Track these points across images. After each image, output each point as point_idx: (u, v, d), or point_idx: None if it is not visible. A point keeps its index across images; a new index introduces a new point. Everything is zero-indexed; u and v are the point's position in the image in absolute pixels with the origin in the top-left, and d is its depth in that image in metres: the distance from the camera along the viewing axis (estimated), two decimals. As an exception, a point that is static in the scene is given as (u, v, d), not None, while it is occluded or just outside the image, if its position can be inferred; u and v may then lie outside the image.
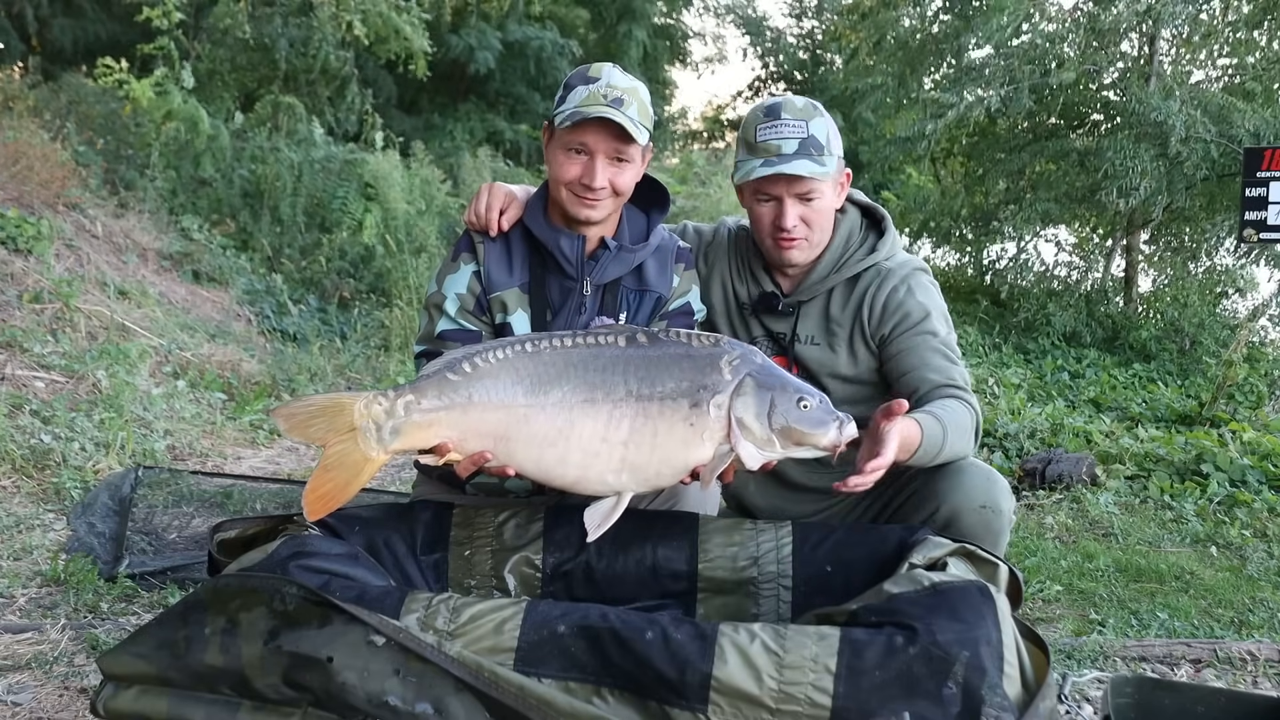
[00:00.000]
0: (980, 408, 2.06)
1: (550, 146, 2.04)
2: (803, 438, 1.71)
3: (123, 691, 1.48)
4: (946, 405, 1.98)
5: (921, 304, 2.14)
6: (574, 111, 1.94)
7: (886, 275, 2.18)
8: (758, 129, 2.09)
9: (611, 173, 1.98)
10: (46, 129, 6.74)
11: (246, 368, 5.37)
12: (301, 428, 1.71)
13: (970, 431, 2.00)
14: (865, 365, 2.21)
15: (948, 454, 1.95)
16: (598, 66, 2.01)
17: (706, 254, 2.36)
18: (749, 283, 2.30)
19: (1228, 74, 8.70)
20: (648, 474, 1.73)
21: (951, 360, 2.11)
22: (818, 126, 2.08)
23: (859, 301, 2.19)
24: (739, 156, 2.15)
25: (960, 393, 2.04)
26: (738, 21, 19.91)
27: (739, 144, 2.18)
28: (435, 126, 11.87)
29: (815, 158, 2.05)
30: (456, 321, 2.03)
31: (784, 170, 2.03)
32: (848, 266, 2.20)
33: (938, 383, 2.06)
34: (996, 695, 1.33)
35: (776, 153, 2.05)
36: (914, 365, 2.10)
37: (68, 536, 3.05)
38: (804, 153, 2.05)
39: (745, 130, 2.15)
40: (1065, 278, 9.42)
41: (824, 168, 2.06)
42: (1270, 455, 4.43)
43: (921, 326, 2.12)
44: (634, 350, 1.74)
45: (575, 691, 1.38)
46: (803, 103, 2.12)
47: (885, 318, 2.15)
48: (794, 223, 2.09)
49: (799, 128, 2.06)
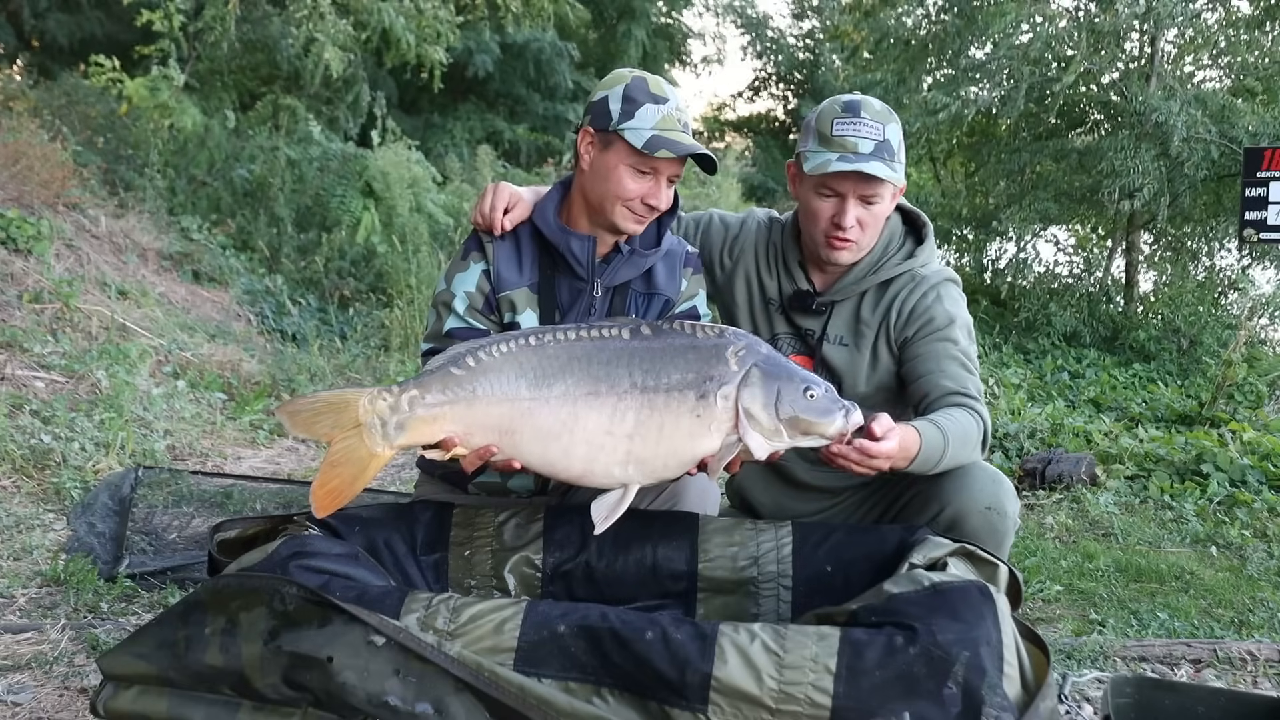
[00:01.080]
0: (990, 419, 2.04)
1: (608, 157, 1.96)
2: (810, 427, 1.71)
3: (123, 691, 1.48)
4: (952, 414, 1.97)
5: (947, 311, 2.13)
6: (656, 136, 1.91)
7: (919, 282, 2.16)
8: (835, 123, 2.05)
9: (667, 192, 2.00)
10: (46, 129, 6.74)
11: (246, 368, 5.37)
12: (306, 425, 1.71)
13: (975, 443, 1.98)
14: (885, 370, 2.20)
15: (949, 463, 1.93)
16: (658, 83, 1.98)
17: (732, 246, 2.33)
18: (781, 278, 2.28)
19: (1228, 74, 8.70)
20: (654, 466, 1.73)
21: (968, 369, 2.08)
22: (893, 131, 2.06)
23: (889, 305, 2.17)
24: (808, 146, 2.10)
25: (971, 402, 2.02)
26: (738, 21, 19.90)
27: (809, 133, 2.12)
28: (435, 126, 11.88)
29: (889, 162, 2.03)
30: (465, 320, 2.03)
31: (861, 169, 2.00)
32: (884, 270, 2.18)
33: (950, 389, 2.04)
34: (996, 695, 1.33)
35: (853, 150, 2.02)
36: (929, 370, 2.08)
37: (68, 536, 3.05)
38: (878, 155, 2.02)
39: (820, 122, 2.09)
40: (1065, 278, 9.42)
41: (895, 173, 2.05)
42: (1270, 455, 4.43)
43: (943, 333, 2.11)
44: (638, 342, 1.74)
45: (575, 691, 1.38)
46: (880, 105, 2.09)
47: (910, 322, 2.14)
48: (852, 223, 2.07)
49: (876, 129, 2.04)
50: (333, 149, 8.19)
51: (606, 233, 2.04)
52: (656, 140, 1.90)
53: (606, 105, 1.95)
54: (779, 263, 2.29)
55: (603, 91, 1.98)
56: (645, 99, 1.93)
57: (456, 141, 11.41)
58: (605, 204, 1.98)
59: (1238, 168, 6.07)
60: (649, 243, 2.11)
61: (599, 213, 2.00)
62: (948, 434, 1.91)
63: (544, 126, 13.73)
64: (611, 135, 1.94)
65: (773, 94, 20.51)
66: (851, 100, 2.09)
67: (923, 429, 1.88)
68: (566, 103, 13.69)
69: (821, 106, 2.14)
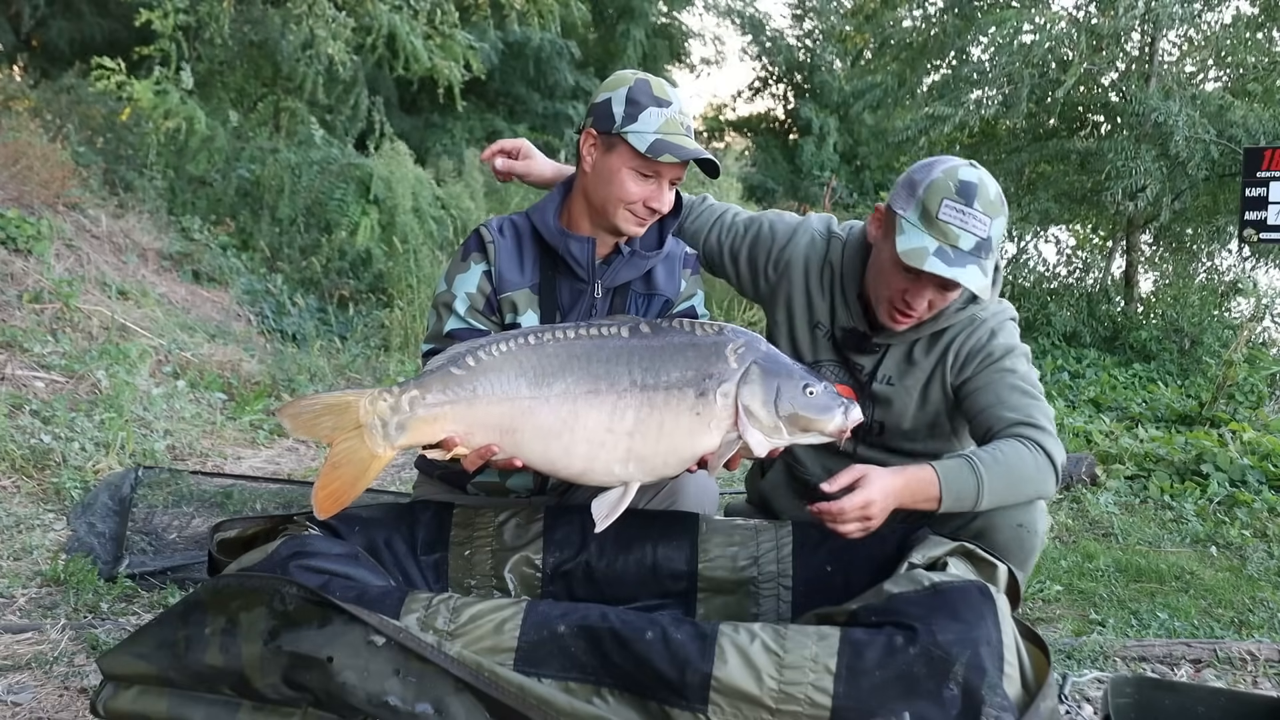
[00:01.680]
0: (1058, 447, 1.91)
1: (607, 159, 1.95)
2: (809, 424, 1.72)
3: (123, 691, 1.48)
4: (999, 447, 1.88)
5: (1004, 344, 2.05)
6: (659, 140, 1.90)
7: (977, 325, 2.08)
8: (944, 203, 1.89)
9: (670, 196, 1.99)
10: (46, 129, 6.74)
11: (246, 368, 5.37)
12: (307, 426, 1.71)
13: (1029, 476, 1.87)
14: (933, 410, 2.13)
15: (994, 499, 1.84)
16: (660, 85, 1.97)
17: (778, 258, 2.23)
18: (836, 306, 2.18)
19: (1227, 74, 8.70)
20: (654, 464, 1.73)
21: (1030, 395, 1.97)
22: (998, 227, 1.92)
23: (945, 348, 2.10)
24: (906, 213, 1.93)
25: (1032, 432, 1.90)
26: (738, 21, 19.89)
27: (911, 196, 1.94)
28: (435, 126, 11.87)
29: (983, 263, 1.90)
30: (466, 321, 2.03)
31: (955, 276, 1.86)
32: (944, 318, 2.08)
33: (1012, 420, 1.92)
34: (996, 695, 1.33)
35: (953, 243, 1.88)
36: (989, 403, 1.99)
37: (68, 536, 3.04)
38: (977, 254, 1.89)
39: (928, 194, 1.91)
40: (1065, 278, 9.42)
41: (984, 279, 1.91)
42: (1270, 455, 4.43)
43: (1000, 364, 2.02)
44: (638, 340, 1.75)
45: (575, 691, 1.39)
46: (995, 193, 1.93)
47: (968, 363, 2.06)
48: (922, 308, 1.98)
49: (984, 224, 1.89)
50: (332, 152, 8.18)
51: (608, 234, 2.04)
52: (660, 144, 1.90)
53: (609, 107, 1.95)
54: (835, 289, 2.18)
55: (606, 93, 1.97)
56: (648, 102, 1.93)
57: (456, 141, 11.40)
58: (607, 206, 1.98)
59: (1237, 168, 6.06)
60: (650, 244, 2.11)
61: (601, 214, 2.00)
62: (981, 468, 1.83)
63: (544, 125, 13.71)
64: (614, 138, 1.94)
65: (773, 94, 20.49)
66: (968, 181, 1.91)
67: (941, 467, 1.82)
68: (566, 101, 13.68)
69: (935, 174, 1.93)
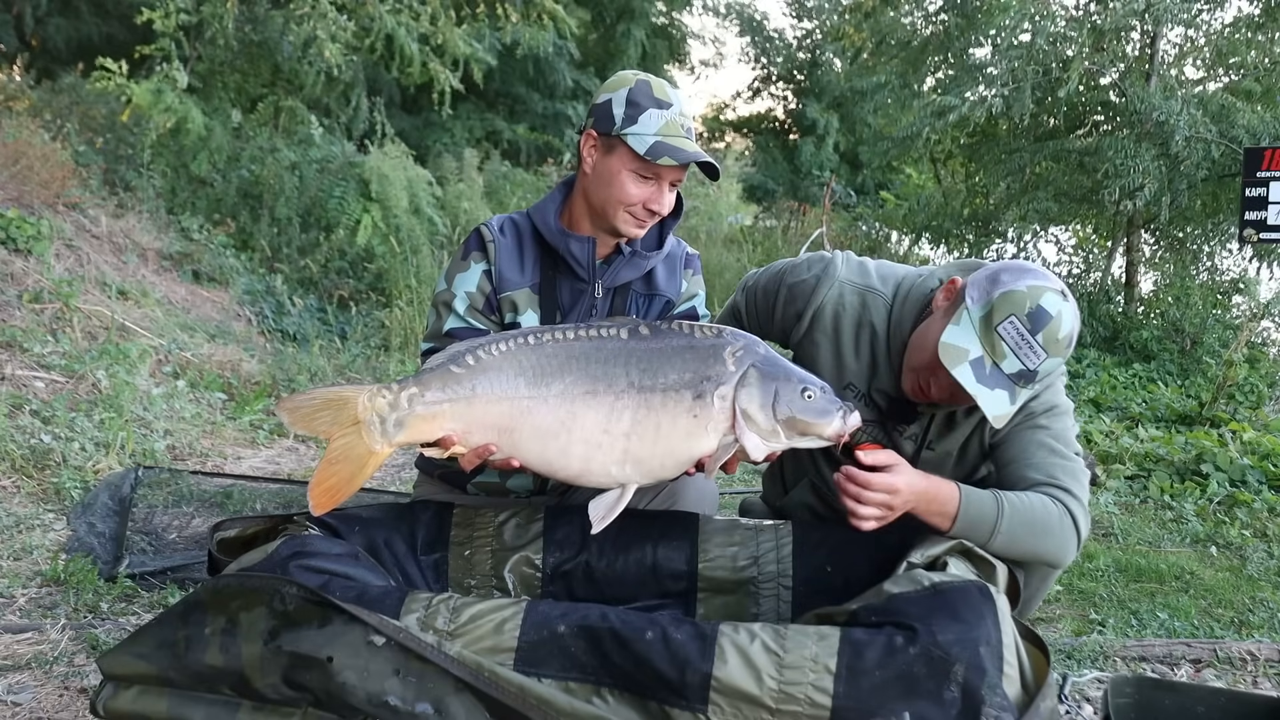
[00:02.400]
0: (1085, 515, 1.83)
1: (607, 161, 1.95)
2: (807, 427, 1.71)
3: (123, 691, 1.48)
4: (1026, 495, 1.82)
5: (1045, 401, 1.94)
6: (658, 142, 1.90)
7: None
8: (1010, 320, 1.77)
9: (669, 196, 1.99)
10: (46, 129, 6.74)
11: (246, 368, 5.37)
12: (305, 421, 1.71)
13: (1053, 532, 1.79)
14: (970, 467, 2.06)
15: (1010, 540, 1.78)
16: (661, 86, 1.96)
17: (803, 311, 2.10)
18: (879, 370, 2.06)
19: (1228, 74, 8.70)
20: (651, 466, 1.73)
21: (1059, 454, 1.88)
22: (1049, 365, 1.80)
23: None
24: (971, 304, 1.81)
25: (1057, 492, 1.83)
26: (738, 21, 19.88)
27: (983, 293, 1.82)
28: (434, 125, 11.86)
29: (1015, 392, 1.79)
30: (465, 320, 2.03)
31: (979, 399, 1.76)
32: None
33: (1035, 481, 1.85)
34: (996, 695, 1.33)
35: (998, 359, 1.77)
36: (1014, 457, 1.91)
37: (68, 536, 3.04)
38: (1014, 381, 1.78)
39: (1000, 302, 1.78)
40: (1065, 277, 9.41)
41: (1010, 407, 1.79)
42: (1270, 455, 4.43)
43: (1036, 420, 1.92)
44: (636, 342, 1.75)
45: (575, 691, 1.39)
46: (1065, 332, 1.79)
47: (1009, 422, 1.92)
48: (940, 398, 1.90)
49: (1038, 358, 1.77)
50: (332, 151, 8.18)
51: (608, 235, 2.04)
52: (660, 147, 1.90)
53: (610, 109, 1.95)
54: (874, 351, 2.07)
55: (606, 94, 1.97)
56: (649, 104, 1.93)
57: (456, 140, 11.40)
58: (607, 208, 1.98)
59: (1238, 168, 6.06)
60: (650, 245, 2.11)
61: (600, 216, 2.00)
62: (1005, 505, 1.78)
63: (543, 126, 13.72)
64: (614, 140, 1.94)
65: (772, 94, 20.47)
66: (1044, 309, 1.77)
67: (968, 490, 1.78)
68: (566, 102, 13.68)
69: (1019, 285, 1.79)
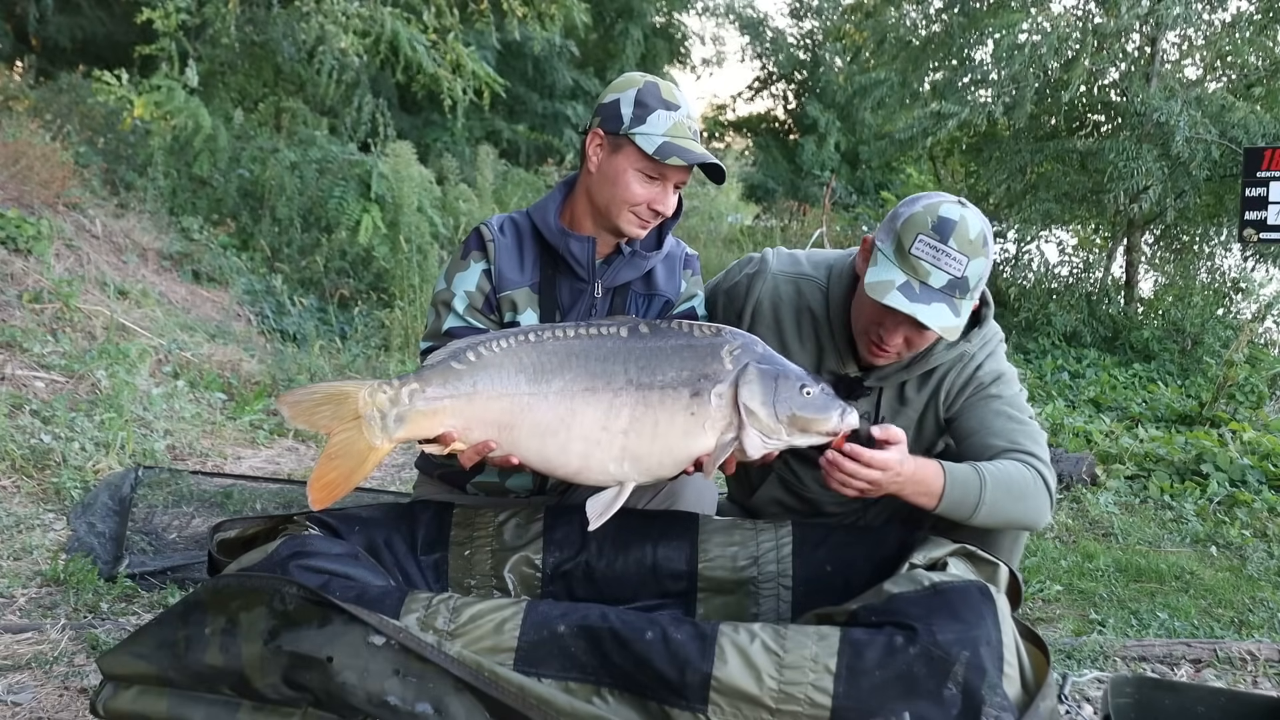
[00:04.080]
0: (1051, 474, 1.89)
1: (614, 160, 1.95)
2: (807, 424, 1.71)
3: (123, 691, 1.48)
4: (999, 464, 1.86)
5: (992, 370, 2.03)
6: (667, 144, 1.90)
7: (969, 360, 2.06)
8: (918, 239, 1.83)
9: (673, 199, 1.99)
10: (47, 129, 6.74)
11: (246, 368, 5.37)
12: (306, 416, 1.71)
13: (1028, 493, 1.85)
14: (928, 442, 2.11)
15: (993, 510, 1.81)
16: (669, 89, 1.97)
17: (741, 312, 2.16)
18: (825, 353, 2.12)
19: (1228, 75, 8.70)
20: (649, 464, 1.73)
21: (1018, 420, 1.96)
22: (975, 267, 1.84)
23: (937, 384, 2.07)
24: (880, 243, 1.90)
25: (1024, 456, 1.88)
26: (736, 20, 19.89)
27: (887, 230, 1.90)
28: (434, 124, 11.86)
29: (955, 302, 1.84)
30: (464, 319, 2.02)
31: (918, 316, 1.81)
32: (936, 356, 2.06)
33: (1000, 448, 1.90)
34: (996, 695, 1.33)
35: (923, 279, 1.82)
36: (974, 429, 1.97)
37: (68, 536, 3.04)
38: (948, 293, 1.83)
39: (904, 227, 1.86)
40: (1066, 278, 9.42)
41: (957, 319, 1.84)
42: (1270, 455, 4.43)
43: (988, 390, 2.00)
44: (635, 340, 1.75)
45: (575, 691, 1.39)
46: (976, 231, 1.85)
47: (959, 396, 2.05)
48: (897, 346, 1.94)
49: (959, 263, 1.82)
50: (333, 151, 8.18)
51: (609, 234, 2.04)
52: (668, 147, 1.90)
53: (618, 108, 1.95)
54: (818, 335, 2.12)
55: (614, 94, 1.97)
56: (657, 105, 1.93)
57: (456, 139, 11.40)
58: (611, 208, 1.97)
59: (1238, 168, 6.06)
60: (650, 245, 2.12)
61: (604, 215, 2.00)
62: (985, 475, 1.81)
63: (543, 125, 13.71)
64: (621, 139, 1.94)
65: (773, 94, 20.48)
66: (947, 219, 1.84)
67: (950, 467, 1.80)
68: (565, 101, 13.68)
69: (916, 208, 1.88)
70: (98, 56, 9.57)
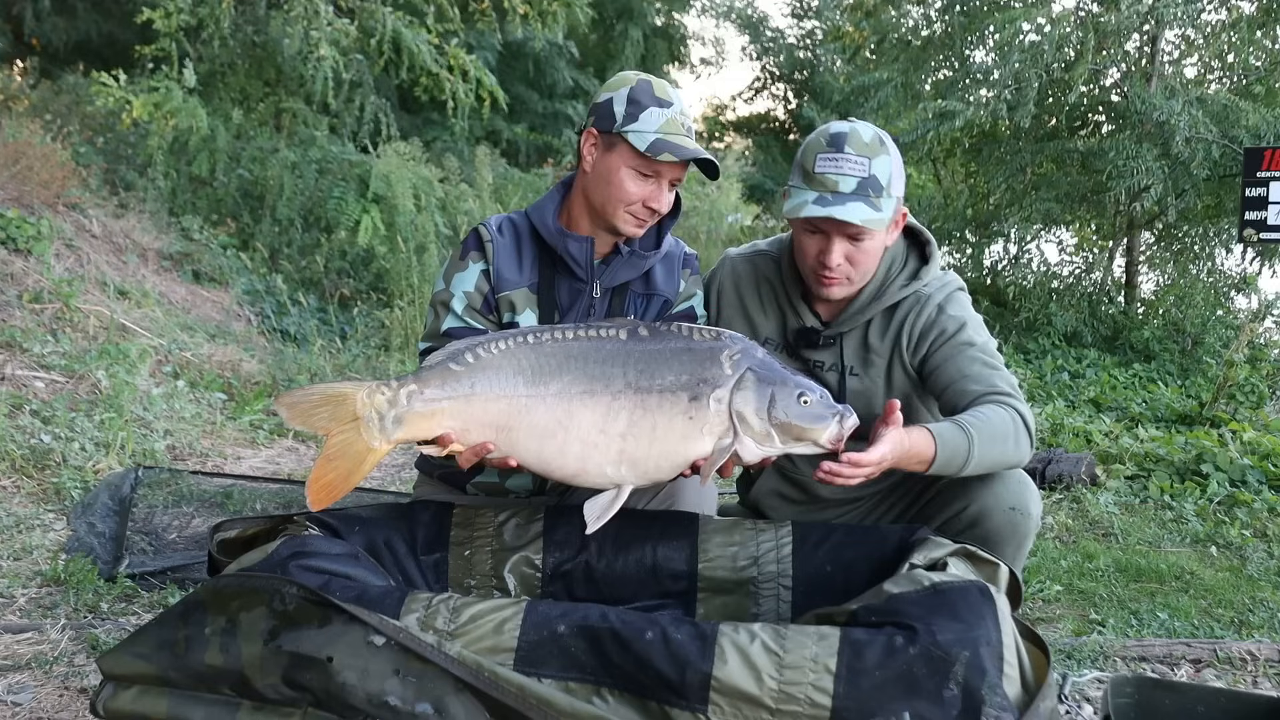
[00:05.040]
0: (1028, 410, 1.95)
1: (611, 159, 1.96)
2: (803, 433, 1.71)
3: (123, 691, 1.48)
4: (980, 412, 1.90)
5: (955, 316, 2.07)
6: (659, 140, 1.91)
7: (925, 301, 2.10)
8: (817, 158, 1.94)
9: (668, 195, 1.99)
10: (47, 129, 6.74)
11: (246, 368, 5.38)
12: (304, 417, 1.71)
13: (1011, 436, 1.90)
14: (900, 393, 2.13)
15: (980, 461, 1.86)
16: (663, 86, 1.97)
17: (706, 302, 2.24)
18: (785, 314, 2.20)
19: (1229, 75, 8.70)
20: (646, 467, 1.73)
21: (992, 366, 2.01)
22: (880, 165, 1.94)
23: (898, 329, 2.11)
24: (793, 182, 2.01)
25: (1002, 398, 1.94)
26: (736, 20, 19.89)
27: (795, 168, 2.02)
28: (434, 123, 11.86)
29: (872, 200, 1.92)
30: (463, 320, 2.03)
31: (835, 215, 1.89)
32: (888, 295, 2.11)
33: (979, 393, 1.96)
34: (996, 695, 1.33)
35: (833, 189, 1.92)
36: (953, 378, 2.02)
37: (68, 536, 3.04)
38: (861, 193, 1.92)
39: (804, 156, 1.98)
40: (1066, 278, 9.42)
41: (879, 213, 1.93)
42: (1270, 455, 4.43)
43: (957, 338, 2.05)
44: (634, 343, 1.75)
45: (575, 691, 1.38)
46: (870, 136, 1.96)
47: (921, 341, 2.09)
48: (839, 261, 1.98)
49: (861, 165, 1.92)
50: (333, 152, 8.17)
51: (607, 234, 2.04)
52: (660, 144, 1.90)
53: (611, 107, 1.95)
54: (777, 299, 2.20)
55: (607, 94, 1.98)
56: (650, 102, 1.93)
57: (455, 139, 11.41)
58: (607, 206, 1.98)
59: (1238, 168, 6.06)
60: (649, 244, 2.11)
61: (600, 214, 2.00)
62: (971, 431, 1.84)
63: (542, 125, 13.71)
64: (615, 137, 1.95)
65: (773, 94, 20.47)
66: (838, 132, 1.96)
67: (938, 430, 1.83)
68: (565, 101, 13.68)
69: (809, 138, 2.02)
70: (97, 56, 9.57)
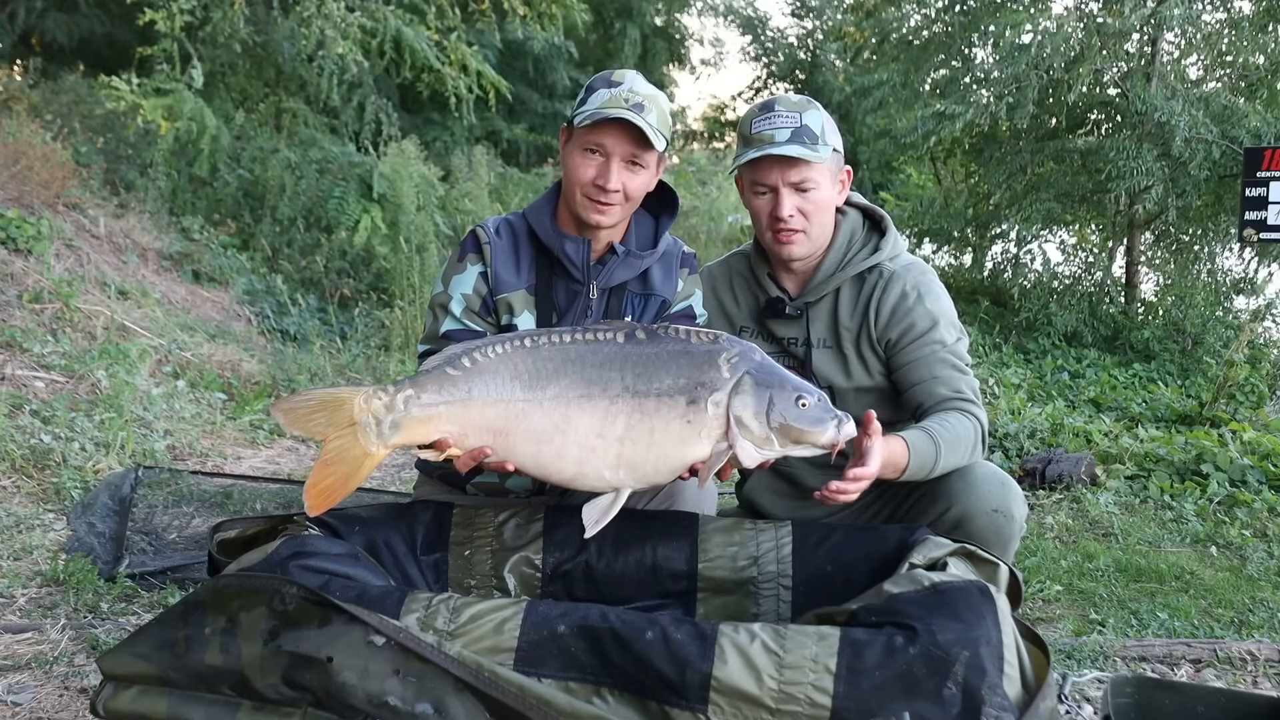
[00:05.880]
0: (986, 417, 2.07)
1: (568, 147, 2.05)
2: (801, 436, 1.71)
3: (123, 691, 1.48)
4: (946, 419, 1.99)
5: (929, 311, 2.13)
6: (594, 112, 1.96)
7: (892, 278, 2.16)
8: (753, 122, 2.11)
9: (625, 176, 1.99)
10: (47, 129, 6.74)
11: (246, 368, 5.37)
12: (301, 422, 1.71)
13: (970, 445, 2.01)
14: (875, 370, 2.20)
15: (944, 468, 1.96)
16: (621, 72, 2.03)
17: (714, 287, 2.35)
18: (755, 293, 2.29)
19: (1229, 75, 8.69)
20: (645, 471, 1.73)
21: (960, 370, 2.11)
22: (811, 118, 2.09)
23: (865, 304, 2.18)
24: (736, 152, 2.15)
25: (965, 405, 2.04)
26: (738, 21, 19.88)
27: (737, 141, 2.18)
28: (434, 123, 11.87)
29: (808, 145, 2.05)
30: (461, 322, 2.03)
31: (773, 152, 2.03)
32: (852, 265, 2.19)
33: (944, 396, 2.06)
34: (996, 695, 1.33)
35: (769, 141, 2.06)
36: (921, 378, 2.10)
37: (68, 536, 3.05)
38: (796, 140, 2.05)
39: (742, 126, 2.16)
40: (1066, 278, 9.41)
41: (816, 153, 2.06)
42: (1270, 455, 4.43)
43: (929, 336, 2.11)
44: (632, 347, 1.74)
45: (575, 691, 1.38)
46: (798, 98, 2.14)
47: (892, 323, 2.14)
48: (790, 212, 2.08)
49: (792, 118, 2.07)
50: (333, 152, 8.17)
51: (587, 230, 2.05)
52: (594, 115, 1.96)
53: (578, 103, 2.03)
54: (748, 285, 2.30)
55: (582, 92, 2.05)
56: (600, 85, 2.00)
57: (456, 138, 11.41)
58: (570, 196, 2.02)
59: (1238, 168, 6.06)
60: (645, 245, 2.12)
61: (568, 206, 2.05)
62: (939, 440, 1.93)
63: (542, 125, 13.72)
64: (571, 125, 2.02)
65: (773, 94, 20.48)
66: (767, 100, 2.14)
67: (911, 439, 1.90)
68: (565, 101, 13.69)
69: (744, 115, 2.19)
70: (97, 56, 9.56)
